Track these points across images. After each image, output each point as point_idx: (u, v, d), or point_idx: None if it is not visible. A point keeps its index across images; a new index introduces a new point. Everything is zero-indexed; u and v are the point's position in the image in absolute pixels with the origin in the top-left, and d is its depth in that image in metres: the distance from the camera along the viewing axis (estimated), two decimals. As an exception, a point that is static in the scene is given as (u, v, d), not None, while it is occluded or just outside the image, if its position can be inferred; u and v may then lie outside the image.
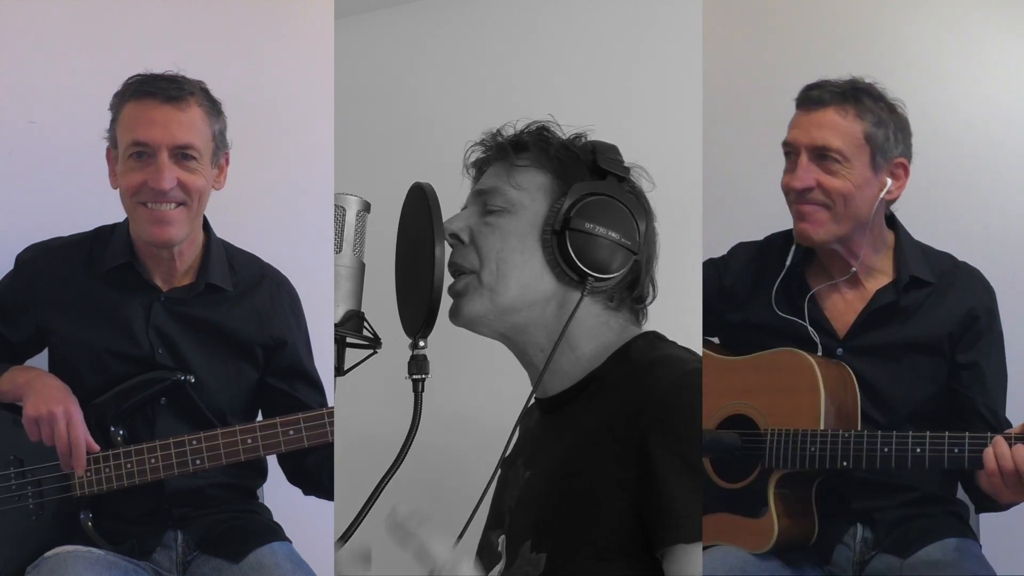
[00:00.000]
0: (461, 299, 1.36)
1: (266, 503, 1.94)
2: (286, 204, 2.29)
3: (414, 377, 1.30)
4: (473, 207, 1.40)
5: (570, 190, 1.34)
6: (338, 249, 1.34)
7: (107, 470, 1.70)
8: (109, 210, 1.79)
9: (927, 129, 1.80)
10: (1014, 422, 1.67)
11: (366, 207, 1.38)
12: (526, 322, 1.35)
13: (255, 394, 1.86)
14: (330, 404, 1.79)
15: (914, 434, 1.55)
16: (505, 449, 1.31)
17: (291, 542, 1.81)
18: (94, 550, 1.71)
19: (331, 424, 1.67)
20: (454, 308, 1.37)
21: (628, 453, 1.21)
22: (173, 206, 1.70)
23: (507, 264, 1.33)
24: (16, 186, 2.12)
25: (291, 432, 1.67)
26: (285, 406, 1.77)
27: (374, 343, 1.37)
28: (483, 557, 1.40)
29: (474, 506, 1.26)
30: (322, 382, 1.89)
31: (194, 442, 1.68)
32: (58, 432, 1.66)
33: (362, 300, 1.36)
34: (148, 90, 1.71)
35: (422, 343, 1.31)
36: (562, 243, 1.32)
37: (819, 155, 1.66)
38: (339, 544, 0.98)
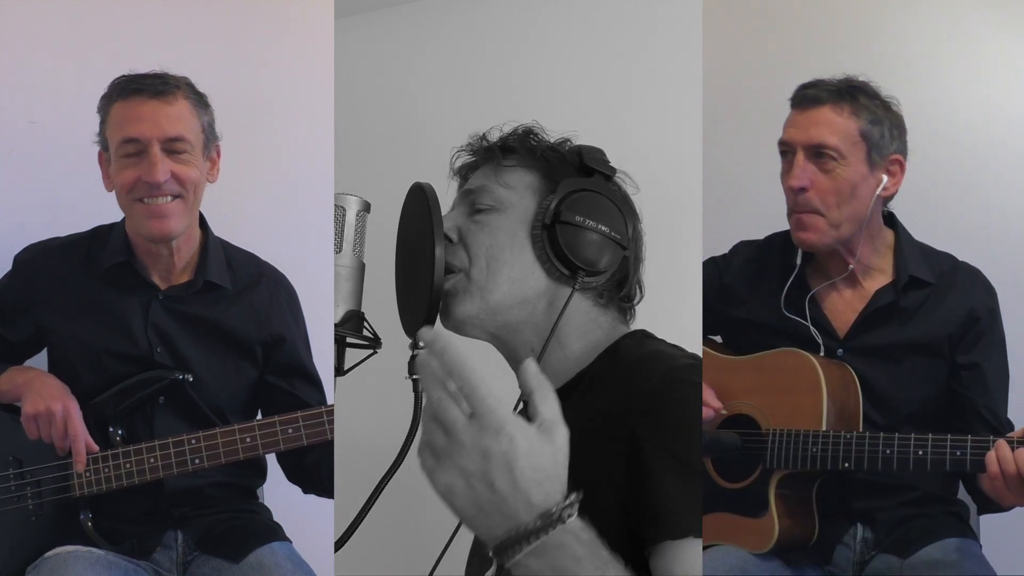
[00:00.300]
0: (451, 299, 1.34)
1: (266, 503, 1.94)
2: (286, 204, 2.29)
3: (414, 377, 1.29)
4: (461, 207, 1.40)
5: (559, 186, 1.34)
6: (338, 249, 1.34)
7: (106, 470, 1.69)
8: (109, 210, 1.78)
9: (926, 129, 1.80)
10: (1015, 423, 1.67)
11: (366, 207, 1.38)
12: (517, 321, 1.34)
13: (254, 392, 1.85)
14: (330, 403, 1.78)
15: (916, 436, 1.55)
16: None
17: (291, 542, 1.81)
18: (94, 550, 1.71)
19: (330, 422, 1.66)
20: (443, 309, 1.35)
21: (618, 450, 1.19)
22: (169, 199, 1.70)
23: (497, 260, 1.33)
24: (16, 186, 2.12)
25: (290, 430, 1.67)
26: (284, 404, 1.77)
27: (374, 343, 1.37)
28: (474, 563, 1.39)
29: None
30: (321, 380, 1.89)
31: (193, 441, 1.68)
32: (56, 429, 1.66)
33: (362, 300, 1.36)
34: (134, 87, 1.71)
35: (422, 343, 1.31)
36: (553, 237, 1.31)
37: (815, 153, 1.66)
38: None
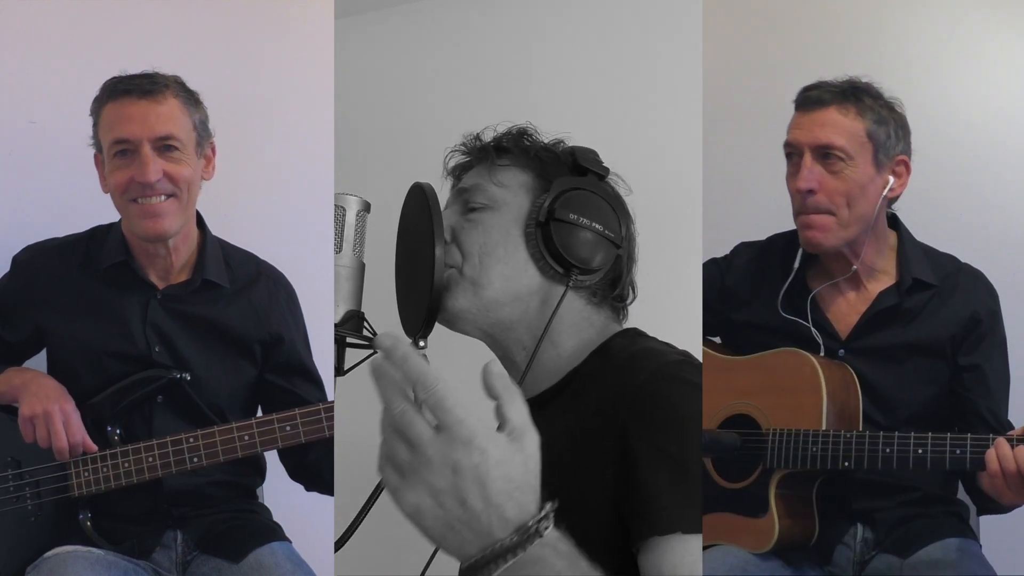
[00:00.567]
0: (444, 293, 1.34)
1: (266, 503, 1.94)
2: (286, 204, 2.28)
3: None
4: (454, 206, 1.40)
5: (552, 185, 1.33)
6: (338, 249, 1.34)
7: (104, 469, 1.69)
8: (108, 210, 1.78)
9: (927, 129, 1.79)
10: (1016, 424, 1.67)
11: (366, 207, 1.38)
12: (509, 318, 1.34)
13: (254, 391, 1.85)
14: (329, 399, 1.78)
15: (916, 435, 1.55)
16: None
17: (291, 542, 1.81)
18: (94, 550, 1.71)
19: (328, 419, 1.66)
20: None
21: (608, 448, 1.19)
22: (163, 198, 1.70)
23: (490, 257, 1.33)
24: (16, 186, 2.12)
25: (288, 428, 1.66)
26: (284, 402, 1.77)
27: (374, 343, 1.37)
28: None
29: None
30: (321, 378, 1.89)
31: (191, 440, 1.68)
32: (55, 430, 1.66)
33: (362, 300, 1.36)
34: (122, 88, 1.71)
35: (422, 343, 1.31)
36: (547, 235, 1.31)
37: (822, 154, 1.65)
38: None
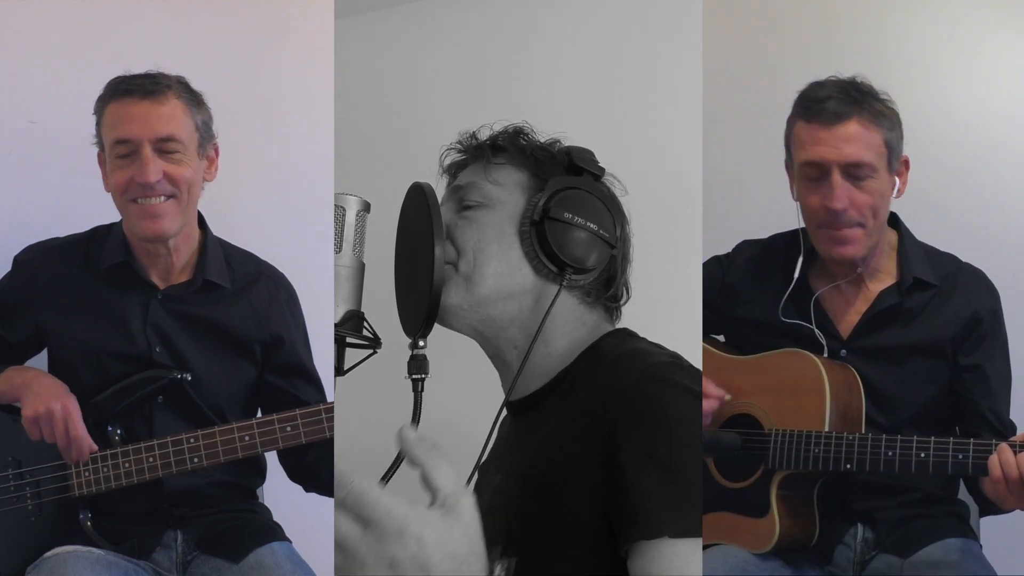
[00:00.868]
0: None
1: (266, 503, 1.93)
2: (286, 204, 2.28)
3: (414, 377, 1.29)
4: (449, 203, 1.40)
5: (547, 184, 1.33)
6: (338, 249, 1.34)
7: (105, 469, 1.69)
8: (108, 210, 1.78)
9: (928, 129, 1.80)
10: (1018, 424, 1.67)
11: (366, 207, 1.37)
12: (502, 316, 1.33)
13: (254, 392, 1.85)
14: (329, 400, 1.78)
15: (918, 439, 1.54)
16: (481, 454, 1.28)
17: (291, 542, 1.81)
18: (94, 550, 1.71)
19: (329, 420, 1.66)
20: None
21: (596, 450, 1.18)
22: (162, 199, 1.70)
23: (484, 254, 1.32)
24: (16, 186, 2.12)
25: (288, 429, 1.66)
26: (284, 403, 1.77)
27: (374, 343, 1.37)
28: None
29: None
30: (321, 379, 1.89)
31: (192, 440, 1.68)
32: (57, 429, 1.66)
33: (362, 300, 1.36)
34: (125, 88, 1.71)
35: (422, 343, 1.31)
36: (541, 234, 1.31)
37: (851, 171, 1.61)
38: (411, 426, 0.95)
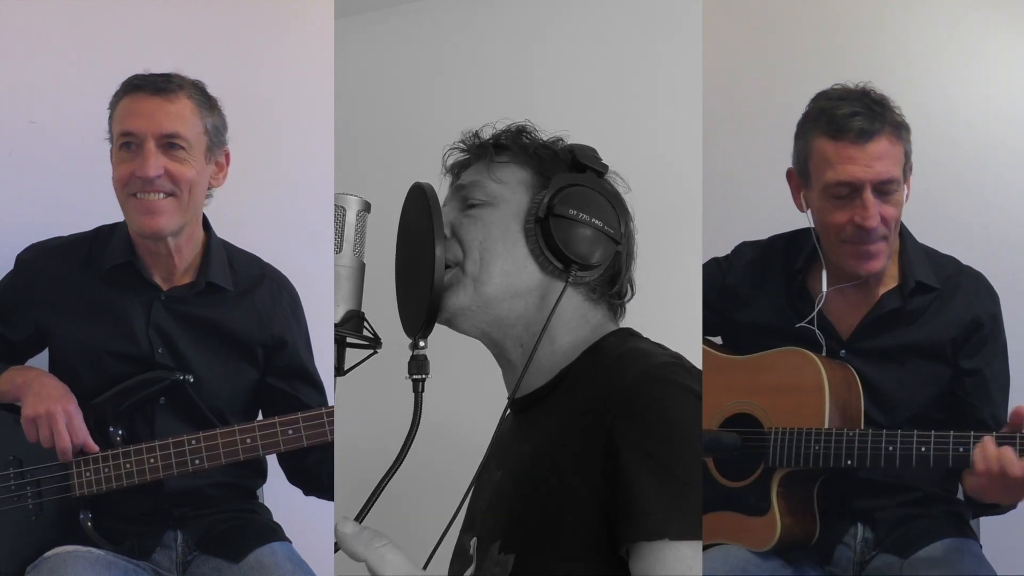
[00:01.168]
0: (445, 292, 1.33)
1: (266, 503, 1.94)
2: (286, 204, 2.29)
3: (414, 377, 1.29)
4: (453, 202, 1.40)
5: (551, 181, 1.33)
6: (338, 249, 1.34)
7: (106, 470, 1.69)
8: (109, 210, 1.78)
9: (928, 130, 1.79)
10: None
11: (366, 207, 1.37)
12: (508, 315, 1.33)
13: (255, 394, 1.85)
14: (330, 404, 1.78)
15: (919, 433, 1.55)
16: (487, 454, 1.29)
17: (291, 542, 1.81)
18: (94, 550, 1.71)
19: (330, 424, 1.66)
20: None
21: (595, 449, 1.18)
22: (161, 196, 1.70)
23: (490, 253, 1.32)
24: (16, 186, 2.12)
25: (290, 432, 1.67)
26: (285, 406, 1.77)
27: (374, 343, 1.37)
28: (456, 561, 1.39)
29: (451, 516, 1.25)
30: (322, 382, 1.89)
31: (193, 442, 1.68)
32: (57, 431, 1.66)
33: (362, 300, 1.36)
34: (137, 84, 1.71)
35: (422, 343, 1.30)
36: (546, 231, 1.30)
37: (881, 187, 1.61)
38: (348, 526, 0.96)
